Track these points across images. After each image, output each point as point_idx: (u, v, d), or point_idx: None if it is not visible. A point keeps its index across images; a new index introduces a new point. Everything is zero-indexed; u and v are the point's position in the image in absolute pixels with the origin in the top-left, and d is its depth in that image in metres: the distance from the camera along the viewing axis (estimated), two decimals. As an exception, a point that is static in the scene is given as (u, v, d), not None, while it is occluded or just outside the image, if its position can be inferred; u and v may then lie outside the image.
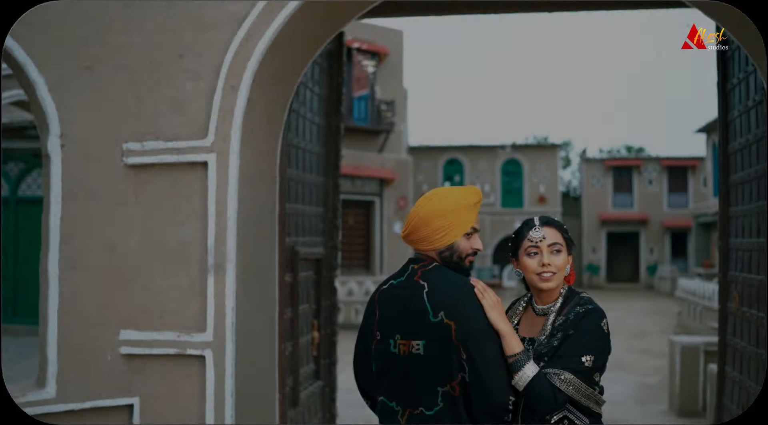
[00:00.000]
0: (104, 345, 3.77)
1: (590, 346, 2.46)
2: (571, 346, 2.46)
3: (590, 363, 2.44)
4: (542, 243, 2.58)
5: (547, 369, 2.44)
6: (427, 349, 2.48)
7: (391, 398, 2.58)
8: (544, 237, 2.58)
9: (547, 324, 2.59)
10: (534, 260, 2.60)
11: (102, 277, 3.79)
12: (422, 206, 2.62)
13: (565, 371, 2.42)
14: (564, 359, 2.45)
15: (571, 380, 2.42)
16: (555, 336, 2.52)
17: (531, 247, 2.60)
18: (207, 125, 3.80)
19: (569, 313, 2.54)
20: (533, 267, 2.59)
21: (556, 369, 2.43)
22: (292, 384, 4.67)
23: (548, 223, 2.64)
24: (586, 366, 2.44)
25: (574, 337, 2.47)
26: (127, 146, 3.81)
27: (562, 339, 2.50)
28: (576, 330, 2.48)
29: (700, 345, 8.34)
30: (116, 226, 3.81)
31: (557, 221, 2.68)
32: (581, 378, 2.43)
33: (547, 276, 2.57)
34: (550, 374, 2.42)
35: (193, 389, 3.72)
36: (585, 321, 2.49)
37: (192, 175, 3.81)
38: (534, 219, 2.67)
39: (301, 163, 5.05)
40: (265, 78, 3.95)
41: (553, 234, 2.61)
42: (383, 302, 2.64)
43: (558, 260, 2.58)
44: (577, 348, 2.45)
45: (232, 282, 3.71)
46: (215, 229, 3.72)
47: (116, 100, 3.85)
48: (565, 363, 2.44)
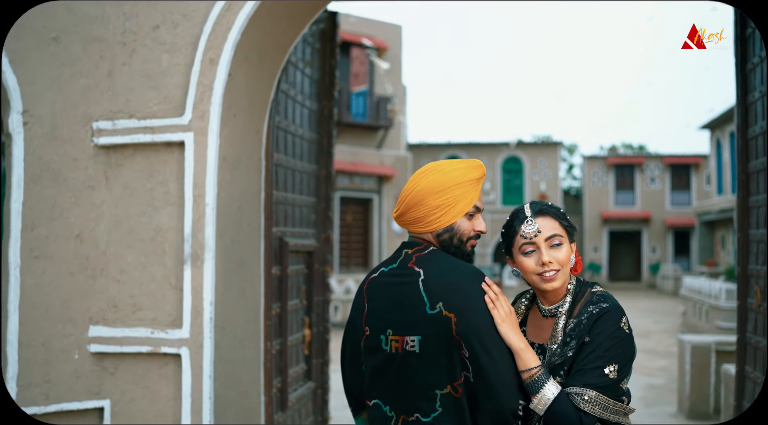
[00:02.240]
0: (71, 343, 3.48)
1: (612, 354, 2.09)
2: (590, 357, 2.09)
3: (615, 374, 2.09)
4: (538, 238, 2.20)
5: (568, 388, 2.09)
6: (423, 346, 2.15)
7: (385, 401, 2.25)
8: (539, 231, 2.20)
9: (557, 329, 2.21)
10: (531, 259, 2.21)
11: (69, 268, 3.49)
12: (417, 181, 2.28)
13: (588, 389, 2.06)
14: (585, 373, 2.08)
15: (596, 399, 2.06)
16: (569, 345, 2.15)
17: (526, 244, 2.22)
18: (184, 102, 3.50)
19: (581, 315, 2.17)
20: (532, 268, 2.21)
21: (578, 389, 2.07)
22: (280, 386, 4.33)
23: (542, 212, 2.24)
24: (610, 379, 2.08)
25: (591, 345, 2.11)
26: (97, 125, 3.52)
27: (577, 348, 2.13)
28: (592, 335, 2.12)
29: (711, 344, 8.01)
30: (85, 212, 3.52)
31: (552, 207, 2.28)
32: (608, 393, 2.07)
33: (549, 276, 2.19)
34: (572, 395, 2.07)
35: (169, 391, 3.42)
36: (601, 324, 2.12)
37: (168, 156, 3.51)
38: (524, 208, 2.27)
39: (290, 148, 4.71)
40: (248, 52, 3.63)
41: (550, 224, 2.22)
42: (373, 292, 2.31)
43: (560, 254, 2.20)
44: (598, 359, 2.08)
45: (211, 274, 3.39)
46: (192, 215, 3.42)
47: (85, 74, 3.56)
48: (587, 378, 2.08)
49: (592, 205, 35.27)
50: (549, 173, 34.18)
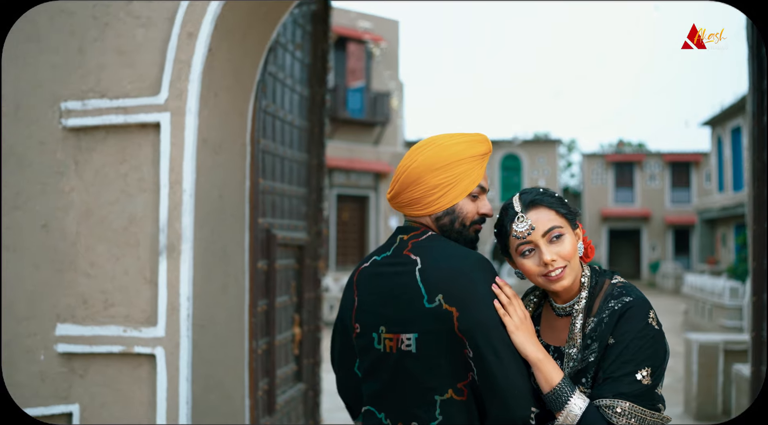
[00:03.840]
0: (36, 343, 3.20)
1: (643, 356, 1.79)
2: (617, 362, 1.80)
3: (649, 380, 1.79)
4: (533, 235, 1.90)
5: (598, 400, 1.80)
6: (420, 345, 1.87)
7: (380, 408, 1.97)
8: (532, 228, 1.90)
9: (575, 330, 1.90)
10: (532, 260, 1.92)
11: (34, 261, 3.21)
12: (414, 157, 1.99)
13: (621, 399, 1.77)
14: (614, 382, 1.79)
15: (630, 411, 1.77)
16: (590, 348, 1.86)
17: (522, 245, 1.92)
18: (160, 80, 3.23)
19: (602, 312, 1.87)
20: (534, 269, 1.92)
21: (609, 400, 1.78)
22: (267, 388, 4.04)
23: (534, 203, 1.93)
24: (644, 385, 1.78)
25: (617, 348, 1.81)
26: (65, 105, 3.25)
27: (600, 352, 1.84)
28: (617, 336, 1.82)
29: (719, 343, 7.72)
30: (52, 200, 3.24)
31: (545, 195, 1.96)
32: (643, 403, 1.78)
33: (555, 275, 1.89)
34: (602, 408, 1.78)
35: (143, 394, 3.14)
36: (626, 322, 1.82)
37: (142, 138, 3.23)
38: (514, 203, 1.96)
39: (279, 134, 4.42)
40: (230, 26, 3.34)
41: (545, 216, 1.91)
42: (363, 284, 2.03)
43: (563, 248, 1.89)
44: (627, 363, 1.79)
45: (189, 266, 3.11)
46: (168, 203, 3.14)
47: (53, 50, 3.28)
48: (617, 387, 1.78)
49: (591, 202, 34.99)
50: (548, 170, 33.91)
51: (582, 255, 1.99)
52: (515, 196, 1.97)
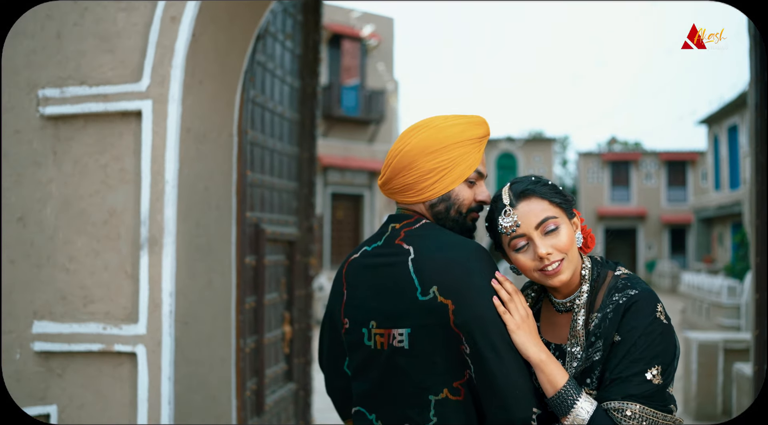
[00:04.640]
0: (12, 341, 3.08)
1: (652, 353, 1.66)
2: (624, 361, 1.66)
3: (659, 379, 1.65)
4: (524, 228, 1.76)
5: (606, 403, 1.66)
6: (413, 341, 1.73)
7: (370, 409, 1.83)
8: (518, 224, 1.76)
9: (577, 327, 1.76)
10: (526, 254, 1.78)
11: (10, 255, 3.08)
12: (407, 140, 1.85)
13: (630, 402, 1.64)
14: (622, 383, 1.65)
15: (641, 413, 1.63)
16: (594, 346, 1.72)
17: (514, 239, 1.78)
18: (141, 66, 3.09)
19: (605, 307, 1.73)
20: (530, 264, 1.78)
21: (617, 403, 1.64)
22: (255, 388, 3.90)
23: (525, 194, 1.78)
24: (654, 385, 1.65)
25: (624, 345, 1.67)
26: (43, 93, 3.12)
27: (605, 350, 1.70)
28: (623, 333, 1.68)
29: (719, 342, 7.60)
30: (29, 192, 3.11)
31: (537, 184, 1.81)
32: (654, 404, 1.64)
33: (552, 270, 1.75)
34: (611, 411, 1.65)
35: (123, 395, 3.00)
36: (632, 318, 1.68)
37: (123, 127, 3.09)
38: (502, 196, 1.81)
39: (268, 126, 4.28)
40: (215, 11, 3.21)
41: (537, 206, 1.77)
42: (353, 276, 1.90)
43: (560, 240, 1.75)
44: (636, 362, 1.65)
45: (171, 261, 2.97)
46: (150, 195, 3.00)
47: (30, 35, 3.16)
48: (626, 388, 1.65)
49: (587, 201, 34.92)
50: (544, 169, 33.85)
51: (581, 246, 1.85)
52: (506, 185, 1.83)
